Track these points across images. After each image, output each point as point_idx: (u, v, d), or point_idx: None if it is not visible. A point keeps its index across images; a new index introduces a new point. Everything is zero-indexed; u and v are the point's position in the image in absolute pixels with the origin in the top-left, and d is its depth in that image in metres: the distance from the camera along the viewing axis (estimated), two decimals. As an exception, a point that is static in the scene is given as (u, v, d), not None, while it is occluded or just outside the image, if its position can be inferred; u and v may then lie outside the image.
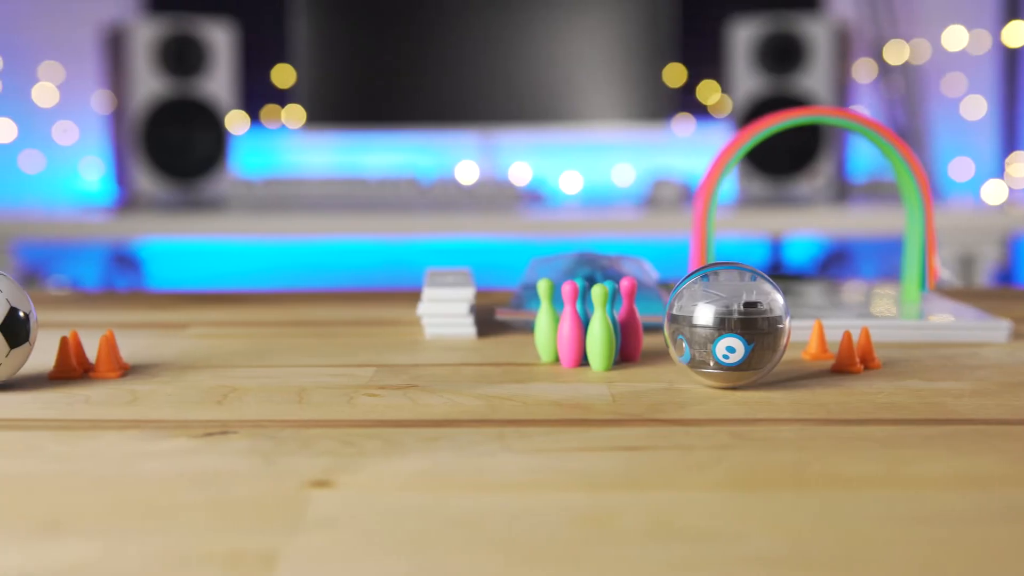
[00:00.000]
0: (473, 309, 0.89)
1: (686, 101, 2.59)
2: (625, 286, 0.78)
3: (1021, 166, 2.53)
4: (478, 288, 0.95)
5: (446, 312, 0.88)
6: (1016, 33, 2.53)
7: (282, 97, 2.58)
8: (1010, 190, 2.50)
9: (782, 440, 0.58)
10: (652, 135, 2.51)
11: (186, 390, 0.70)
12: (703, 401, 0.67)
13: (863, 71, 2.56)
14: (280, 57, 2.56)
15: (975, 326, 0.86)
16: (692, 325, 0.67)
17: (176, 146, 2.37)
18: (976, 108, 2.56)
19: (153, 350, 0.84)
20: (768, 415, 0.64)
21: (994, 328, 0.85)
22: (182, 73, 2.36)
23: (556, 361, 0.79)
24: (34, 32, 2.53)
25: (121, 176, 2.54)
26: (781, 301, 0.68)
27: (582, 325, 0.77)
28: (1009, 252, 2.24)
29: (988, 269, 2.18)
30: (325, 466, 0.54)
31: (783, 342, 0.68)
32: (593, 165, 2.62)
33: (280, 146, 2.62)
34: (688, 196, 2.32)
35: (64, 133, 2.56)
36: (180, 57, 2.35)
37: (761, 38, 2.37)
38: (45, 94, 2.55)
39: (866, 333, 0.77)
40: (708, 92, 2.61)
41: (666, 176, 2.35)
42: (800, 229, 2.39)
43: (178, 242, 2.52)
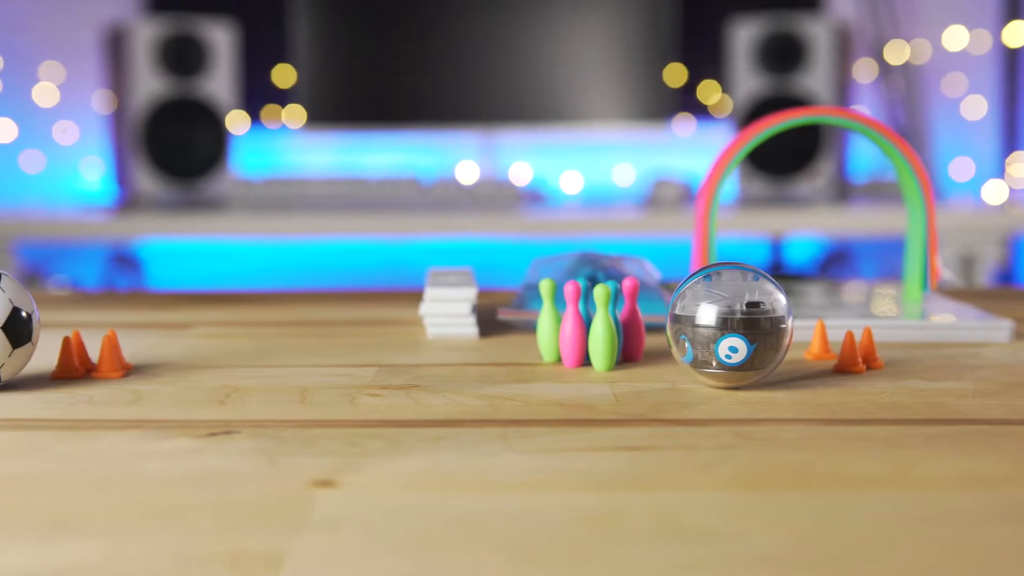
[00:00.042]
0: (475, 309, 0.89)
1: (687, 101, 2.59)
2: (627, 286, 0.78)
3: (1021, 166, 2.53)
4: (479, 288, 0.95)
5: (448, 312, 0.88)
6: (1016, 33, 2.53)
7: (283, 97, 2.58)
8: (1010, 190, 2.50)
9: (786, 440, 0.58)
10: (653, 135, 2.51)
11: (189, 390, 0.70)
12: (706, 401, 0.67)
13: (863, 71, 2.56)
14: (280, 57, 2.56)
15: (977, 326, 0.86)
16: (695, 325, 0.67)
17: (177, 146, 2.37)
18: (976, 108, 2.56)
19: (155, 350, 0.84)
20: (771, 415, 0.64)
21: (996, 328, 0.85)
22: (183, 73, 2.36)
23: (558, 361, 0.79)
24: (34, 32, 2.53)
25: (122, 176, 2.54)
26: (784, 301, 0.68)
27: (584, 325, 0.77)
28: (1009, 252, 2.24)
29: (988, 269, 2.18)
30: (328, 466, 0.54)
31: (786, 342, 0.68)
32: (594, 165, 2.62)
33: (281, 146, 2.62)
34: (688, 196, 2.32)
35: (65, 133, 2.56)
36: (181, 57, 2.35)
37: (761, 38, 2.37)
38: (46, 94, 2.55)
39: (868, 333, 0.77)
40: (709, 92, 2.61)
41: (667, 176, 2.35)
42: (800, 229, 2.39)
43: (178, 242, 2.52)
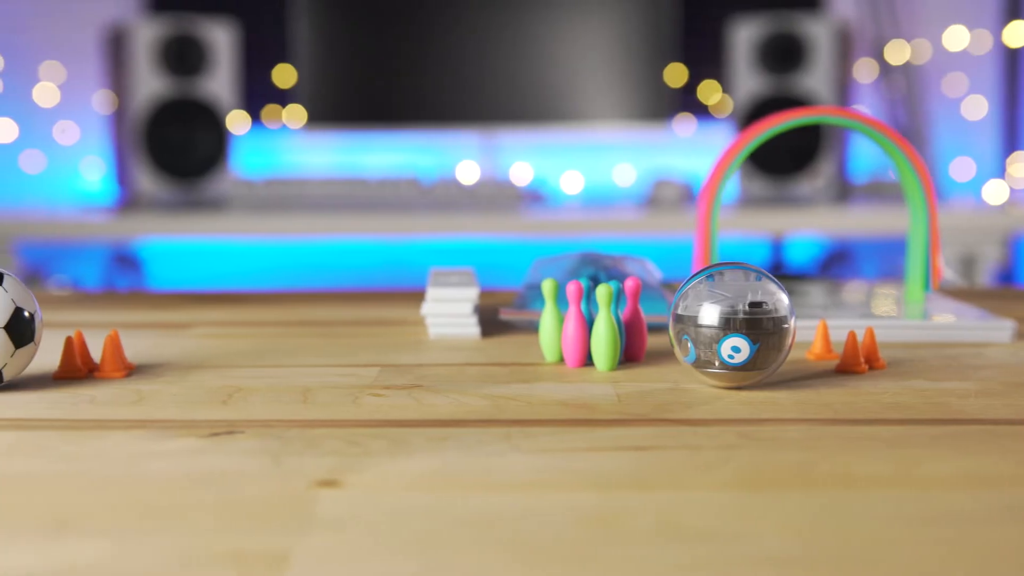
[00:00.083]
0: (477, 309, 0.89)
1: (687, 101, 2.59)
2: (630, 286, 0.78)
3: (1022, 166, 2.53)
4: (480, 288, 0.95)
5: (450, 312, 0.88)
6: (1017, 33, 2.53)
7: (283, 97, 2.58)
8: (1011, 190, 2.50)
9: (789, 440, 0.58)
10: (653, 135, 2.51)
11: (191, 390, 0.70)
12: (709, 401, 0.67)
13: (864, 71, 2.56)
14: (281, 57, 2.56)
15: (979, 326, 0.86)
16: (697, 325, 0.67)
17: (177, 146, 2.37)
18: (977, 108, 2.56)
19: (157, 350, 0.84)
20: (774, 415, 0.64)
21: (998, 328, 0.85)
22: (183, 73, 2.36)
23: (560, 361, 0.79)
24: (35, 32, 2.53)
25: (122, 176, 2.54)
26: (786, 301, 0.68)
27: (587, 325, 0.77)
28: (1010, 252, 2.24)
29: (989, 269, 2.18)
30: (332, 466, 0.54)
31: (788, 342, 0.68)
32: (594, 165, 2.62)
33: (281, 146, 2.62)
34: (689, 196, 2.32)
35: (65, 133, 2.56)
36: (181, 57, 2.35)
37: (762, 38, 2.37)
38: (46, 94, 2.55)
39: (871, 333, 0.77)
40: (709, 92, 2.61)
41: (667, 176, 2.35)
42: (801, 229, 2.39)
43: (179, 242, 2.51)
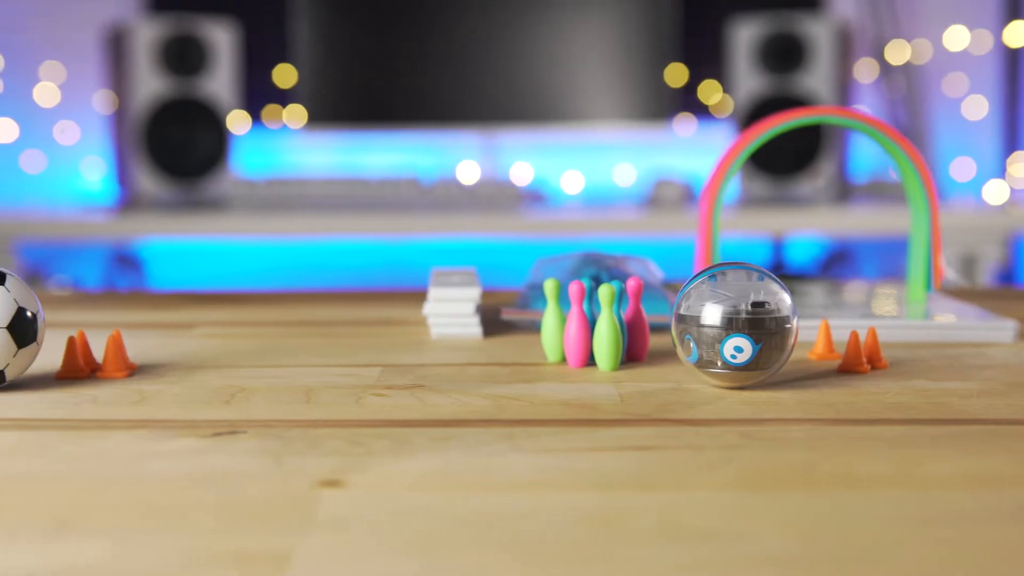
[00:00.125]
0: (479, 309, 0.89)
1: (687, 101, 2.59)
2: (632, 286, 0.78)
3: (1022, 166, 2.53)
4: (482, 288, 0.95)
5: (452, 312, 0.88)
6: (1017, 33, 2.53)
7: (283, 97, 2.58)
8: (1012, 190, 2.50)
9: (791, 440, 0.58)
10: (653, 135, 2.51)
11: (193, 390, 0.70)
12: (711, 401, 0.67)
13: (864, 71, 2.56)
14: (281, 57, 2.56)
15: (981, 326, 0.86)
16: (700, 325, 0.67)
17: (177, 146, 2.36)
18: (977, 108, 2.56)
19: (159, 350, 0.84)
20: (776, 415, 0.64)
21: (1000, 328, 0.85)
22: (183, 73, 2.36)
23: (562, 361, 0.79)
24: (35, 32, 2.53)
25: (122, 176, 2.54)
26: (789, 301, 0.68)
27: (589, 325, 0.77)
28: (1011, 252, 2.24)
29: (990, 269, 2.18)
30: (334, 466, 0.54)
31: (791, 342, 0.68)
32: (594, 165, 2.62)
33: (281, 146, 2.62)
34: (689, 196, 2.32)
35: (65, 133, 2.56)
36: (181, 57, 2.35)
37: (762, 38, 2.37)
38: (46, 94, 2.55)
39: (873, 333, 0.77)
40: (709, 92, 2.61)
41: (667, 176, 2.35)
42: (801, 229, 2.39)
43: (179, 242, 2.51)
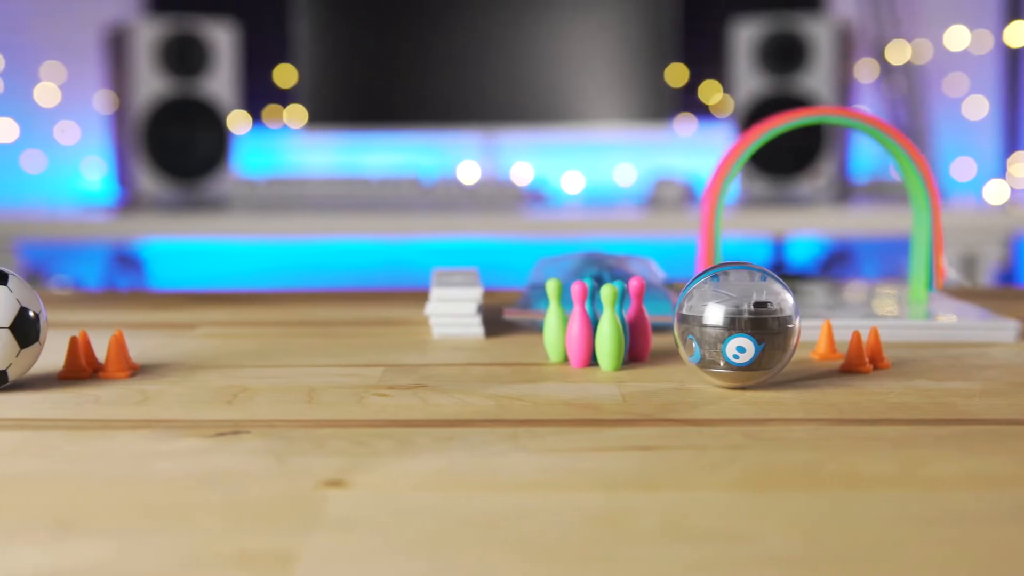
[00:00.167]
0: (481, 309, 0.89)
1: (688, 101, 2.58)
2: (634, 286, 0.78)
3: (1023, 166, 2.53)
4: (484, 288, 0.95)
5: (454, 312, 0.88)
6: (1018, 33, 2.53)
7: (284, 97, 2.58)
8: (1012, 190, 2.50)
9: (794, 440, 0.59)
10: (654, 135, 2.51)
11: (196, 390, 0.70)
12: (714, 401, 0.67)
13: (865, 71, 2.56)
14: (282, 57, 2.56)
15: (983, 326, 0.86)
16: (702, 325, 0.67)
17: (178, 146, 2.36)
18: (978, 108, 2.57)
19: (161, 350, 0.84)
20: (779, 415, 0.64)
21: (1002, 328, 0.85)
22: (184, 73, 2.36)
23: (565, 361, 0.79)
24: (36, 32, 2.53)
25: (123, 176, 2.54)
26: (791, 301, 0.68)
27: (591, 325, 0.77)
28: (1011, 252, 2.24)
29: (990, 269, 2.18)
30: (338, 466, 0.54)
31: (793, 342, 0.68)
32: (595, 165, 2.62)
33: (282, 146, 2.62)
34: (690, 196, 2.32)
35: (66, 133, 2.56)
36: (182, 57, 2.35)
37: (763, 38, 2.37)
38: (47, 94, 2.55)
39: (875, 333, 0.77)
40: (710, 92, 2.61)
41: (668, 176, 2.35)
42: (802, 229, 2.39)
43: (180, 242, 2.51)
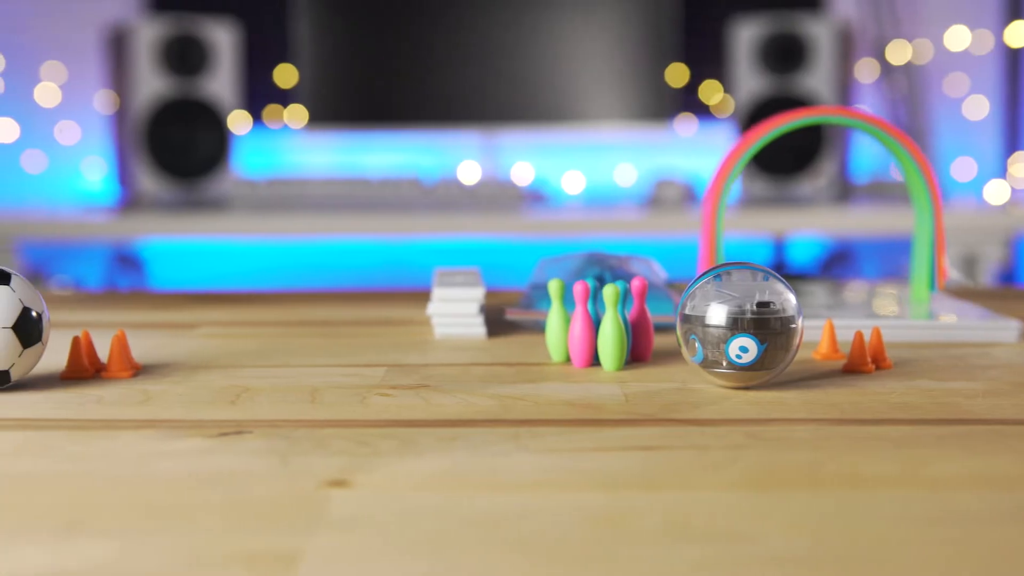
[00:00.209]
0: (483, 309, 0.89)
1: (688, 101, 2.59)
2: (636, 286, 0.78)
3: (1023, 166, 2.53)
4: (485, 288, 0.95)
5: (456, 312, 0.88)
6: (1018, 33, 2.53)
7: (284, 97, 2.58)
8: (1013, 190, 2.50)
9: (797, 440, 0.59)
10: (654, 135, 2.51)
11: (198, 390, 0.70)
12: (716, 401, 0.67)
13: (865, 71, 2.56)
14: (282, 57, 2.56)
15: (986, 326, 0.86)
16: (705, 325, 0.67)
17: (178, 146, 2.36)
18: (978, 108, 2.57)
19: (163, 350, 0.84)
20: (782, 415, 0.64)
21: (1004, 328, 0.85)
22: (184, 73, 2.36)
23: (567, 361, 0.79)
24: (36, 32, 2.53)
25: (123, 176, 2.54)
26: (794, 301, 0.68)
27: (593, 325, 0.77)
28: (1012, 252, 2.24)
29: (991, 269, 2.18)
30: (341, 466, 0.54)
31: (796, 342, 0.68)
32: (595, 165, 2.62)
33: (282, 146, 2.62)
34: (690, 196, 2.32)
35: (66, 133, 2.56)
36: (182, 57, 2.35)
37: (763, 38, 2.37)
38: (47, 94, 2.55)
39: (877, 333, 0.77)
40: (710, 92, 2.61)
41: (668, 176, 2.35)
42: (802, 229, 2.39)
43: (181, 242, 2.52)
